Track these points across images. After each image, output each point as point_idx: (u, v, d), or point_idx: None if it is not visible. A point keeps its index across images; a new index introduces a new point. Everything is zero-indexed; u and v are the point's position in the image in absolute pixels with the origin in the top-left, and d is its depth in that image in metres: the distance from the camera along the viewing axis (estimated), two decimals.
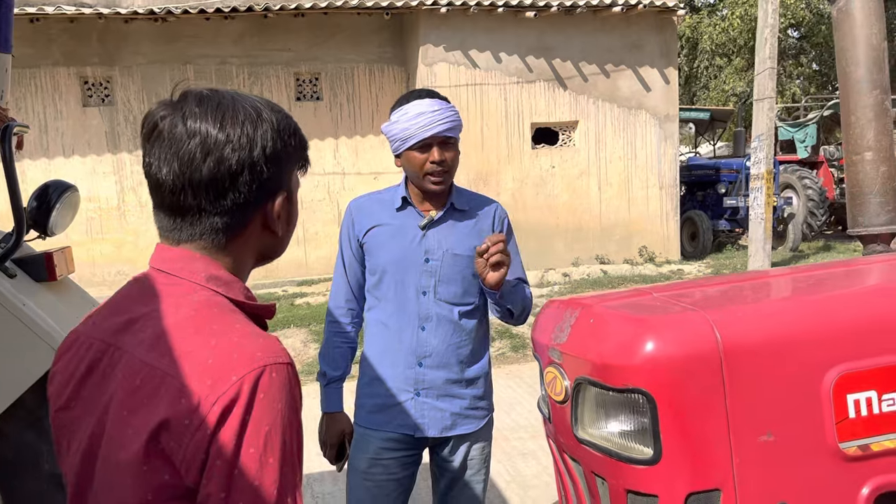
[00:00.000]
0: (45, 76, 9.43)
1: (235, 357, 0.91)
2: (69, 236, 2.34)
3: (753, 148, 8.81)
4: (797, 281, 2.13)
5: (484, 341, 2.26)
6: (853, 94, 2.44)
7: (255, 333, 0.97)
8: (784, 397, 1.64)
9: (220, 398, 0.88)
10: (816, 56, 22.65)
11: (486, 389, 2.26)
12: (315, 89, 10.27)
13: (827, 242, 12.53)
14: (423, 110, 2.03)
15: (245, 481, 0.88)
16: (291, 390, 0.94)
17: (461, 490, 2.24)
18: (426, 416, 2.15)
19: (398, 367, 2.16)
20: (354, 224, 2.21)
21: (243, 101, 1.02)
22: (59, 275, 2.50)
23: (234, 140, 0.98)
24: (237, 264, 1.06)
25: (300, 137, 1.09)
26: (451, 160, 2.09)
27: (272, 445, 0.90)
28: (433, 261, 2.13)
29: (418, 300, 2.13)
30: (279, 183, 1.05)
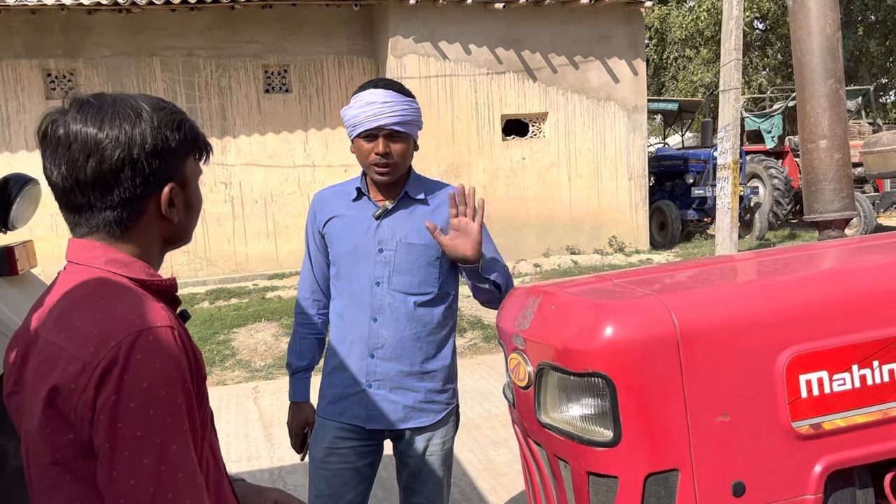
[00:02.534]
0: (6, 69, 9.25)
1: (116, 325, 1.02)
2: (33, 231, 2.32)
3: (720, 138, 8.93)
4: (753, 266, 2.18)
5: (445, 333, 2.21)
6: (808, 84, 2.49)
7: (140, 304, 1.07)
8: (739, 378, 1.68)
9: (100, 362, 0.99)
10: (782, 47, 22.98)
11: (446, 383, 2.22)
12: (284, 81, 10.19)
13: (792, 231, 12.77)
14: (374, 100, 2.04)
15: (127, 433, 0.98)
16: (171, 350, 1.03)
17: (422, 484, 2.23)
18: (378, 408, 2.14)
19: (352, 357, 2.16)
20: (316, 216, 2.23)
21: (125, 102, 1.11)
22: (21, 269, 2.47)
23: (113, 140, 1.07)
24: (141, 250, 1.16)
25: (186, 131, 1.16)
26: (399, 154, 2.07)
27: (152, 400, 0.99)
28: (387, 251, 2.12)
29: (371, 290, 2.12)
30: (166, 175, 1.13)
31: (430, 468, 2.22)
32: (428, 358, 2.17)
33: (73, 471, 1.04)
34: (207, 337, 7.10)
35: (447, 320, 2.22)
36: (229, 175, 9.95)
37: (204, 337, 7.09)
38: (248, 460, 4.39)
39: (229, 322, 7.53)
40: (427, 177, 2.29)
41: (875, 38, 21.68)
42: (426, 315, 2.15)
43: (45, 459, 1.05)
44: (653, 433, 1.64)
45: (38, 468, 1.06)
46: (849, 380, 1.72)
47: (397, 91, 2.08)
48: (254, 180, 10.07)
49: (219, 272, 9.95)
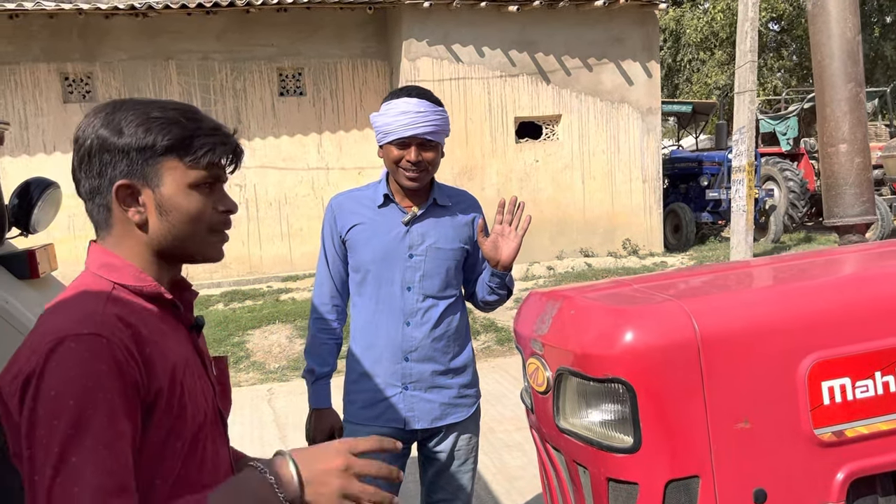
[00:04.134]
0: (25, 73, 9.34)
1: (50, 329, 1.03)
2: (51, 234, 2.34)
3: (735, 141, 8.88)
4: (774, 271, 2.16)
5: (466, 331, 2.30)
6: (828, 88, 2.47)
7: (86, 309, 1.06)
8: (760, 385, 1.67)
9: (23, 369, 1.01)
10: (797, 49, 22.84)
11: (473, 377, 2.31)
12: (298, 84, 10.23)
13: (808, 234, 12.67)
14: (408, 110, 2.06)
15: (36, 439, 0.98)
16: (90, 360, 1.00)
17: (448, 481, 2.27)
18: (415, 408, 2.19)
19: (385, 362, 2.19)
20: (336, 221, 2.24)
21: (127, 102, 1.16)
22: (42, 272, 2.49)
23: (80, 133, 1.14)
24: (129, 254, 1.17)
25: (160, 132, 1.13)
26: (429, 161, 2.12)
27: (57, 409, 0.98)
28: (417, 256, 2.17)
29: (403, 296, 2.17)
30: (120, 171, 1.13)
31: (457, 463, 2.27)
32: (456, 355, 2.25)
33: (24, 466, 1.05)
34: (222, 339, 7.14)
35: (465, 318, 2.31)
36: (244, 177, 10.00)
37: (219, 339, 7.12)
38: None
39: (244, 324, 7.56)
40: (443, 183, 2.33)
41: (891, 39, 21.51)
42: (451, 316, 2.23)
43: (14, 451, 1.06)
44: (673, 439, 1.63)
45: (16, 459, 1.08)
46: (871, 387, 1.70)
47: (429, 100, 2.12)
48: (268, 183, 10.12)
49: (233, 274, 10.00)
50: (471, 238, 2.26)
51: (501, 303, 2.29)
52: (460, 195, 2.30)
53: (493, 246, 2.13)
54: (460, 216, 2.24)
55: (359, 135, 10.34)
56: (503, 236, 2.13)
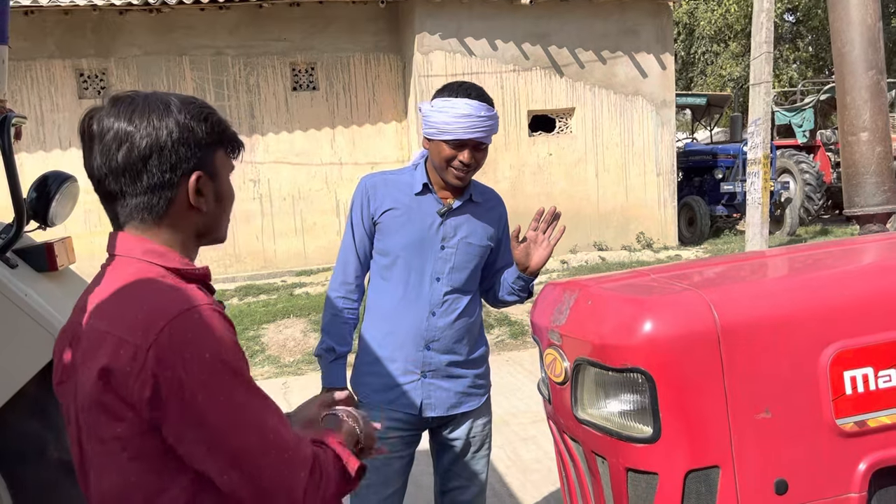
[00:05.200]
0: (40, 69, 9.40)
1: (159, 307, 1.08)
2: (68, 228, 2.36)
3: (750, 133, 8.81)
4: (794, 260, 2.14)
5: (481, 323, 2.35)
6: (849, 75, 2.44)
7: (178, 289, 1.13)
8: (781, 375, 1.65)
9: (152, 344, 1.05)
10: (813, 40, 22.62)
11: (487, 368, 2.35)
12: (311, 79, 10.24)
13: (824, 226, 12.56)
14: (471, 113, 2.05)
15: (212, 403, 1.05)
16: (218, 322, 1.11)
17: (463, 468, 2.29)
18: (432, 396, 2.21)
19: (405, 348, 2.19)
20: (370, 202, 2.20)
21: (155, 97, 1.19)
22: (60, 265, 2.51)
23: (142, 129, 1.14)
24: (174, 240, 1.21)
25: (214, 124, 1.22)
26: (479, 162, 2.14)
27: (219, 365, 1.07)
28: (448, 248, 2.19)
29: (431, 286, 2.18)
30: (193, 163, 1.18)
31: (471, 451, 2.30)
32: (474, 347, 2.28)
33: (129, 449, 1.09)
34: (237, 333, 7.16)
35: (480, 311, 2.35)
36: (258, 172, 10.03)
37: None
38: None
39: (258, 318, 7.59)
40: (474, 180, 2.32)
41: None
42: (471, 309, 2.26)
43: (104, 435, 1.10)
44: (693, 429, 1.62)
45: (97, 444, 1.11)
46: (894, 376, 1.68)
47: (488, 103, 2.10)
48: (282, 178, 10.14)
49: (248, 269, 10.04)
50: (495, 236, 2.28)
51: (517, 304, 2.32)
52: (490, 193, 2.32)
53: (525, 252, 2.14)
54: (490, 214, 2.27)
55: (372, 129, 10.34)
56: (535, 243, 2.15)
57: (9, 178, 2.35)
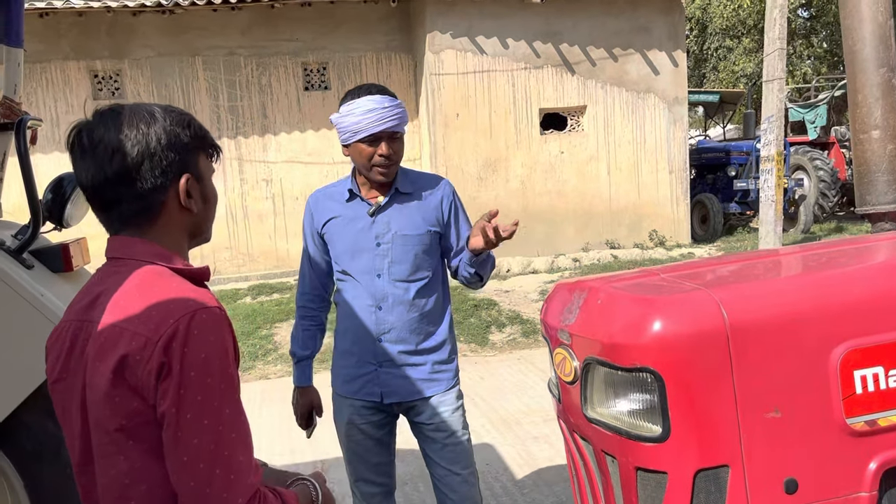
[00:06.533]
0: (55, 70, 9.49)
1: (172, 306, 1.15)
2: (81, 229, 2.39)
3: (763, 130, 8.75)
4: (804, 259, 2.14)
5: (441, 310, 2.40)
6: (860, 73, 2.43)
7: (190, 289, 1.20)
8: (791, 374, 1.66)
9: (162, 336, 1.12)
10: (827, 36, 22.41)
11: (450, 355, 2.41)
12: (323, 79, 10.28)
13: (839, 224, 12.46)
14: (374, 107, 2.17)
15: (189, 398, 1.11)
16: (222, 327, 1.17)
17: (440, 454, 2.37)
18: (390, 384, 2.33)
19: (362, 342, 2.34)
20: (314, 218, 2.40)
21: (139, 107, 1.25)
22: (76, 265, 2.54)
23: (132, 138, 1.20)
24: (170, 241, 1.28)
25: (195, 128, 1.28)
26: (398, 154, 2.25)
27: (209, 369, 1.13)
28: (384, 244, 2.29)
29: (374, 282, 2.30)
30: (181, 167, 1.25)
31: (443, 435, 2.37)
32: (428, 335, 2.36)
33: (136, 436, 1.15)
34: (250, 332, 7.21)
35: (441, 299, 2.41)
36: (270, 172, 10.08)
37: (247, 332, 7.20)
38: (290, 454, 4.45)
39: (271, 317, 7.63)
40: (413, 169, 2.46)
41: None
42: (424, 298, 2.33)
43: (111, 426, 1.15)
44: (702, 429, 1.63)
45: (105, 436, 1.17)
46: None
47: (391, 96, 2.23)
48: (294, 177, 10.18)
49: (260, 268, 10.09)
50: (440, 220, 2.34)
51: (475, 285, 2.36)
52: (426, 179, 2.39)
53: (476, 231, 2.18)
54: (427, 200, 2.33)
55: None
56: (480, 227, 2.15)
57: (25, 180, 2.38)
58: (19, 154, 2.38)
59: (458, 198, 2.41)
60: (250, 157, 9.99)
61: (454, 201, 2.38)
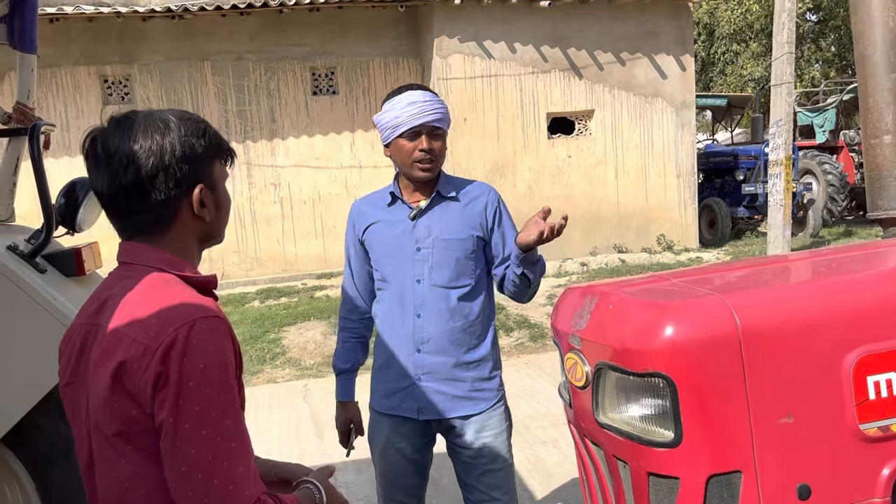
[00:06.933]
0: (65, 75, 9.55)
1: (173, 314, 1.15)
2: (92, 234, 2.41)
3: (772, 134, 8.74)
4: (816, 264, 2.13)
5: (485, 323, 2.29)
6: (871, 78, 2.43)
7: (193, 297, 1.20)
8: (804, 379, 1.65)
9: (161, 345, 1.12)
10: (836, 40, 22.35)
11: (492, 371, 2.29)
12: (331, 83, 10.31)
13: (848, 228, 12.41)
14: (415, 100, 2.14)
15: (187, 408, 1.11)
16: (222, 337, 1.17)
17: (479, 479, 2.24)
18: (428, 399, 2.22)
19: (401, 354, 2.24)
20: (355, 226, 2.33)
21: (154, 116, 1.25)
22: (88, 269, 2.55)
23: (147, 150, 1.20)
24: (181, 248, 1.28)
25: (210, 137, 1.28)
26: (439, 150, 2.19)
27: (207, 379, 1.12)
28: (424, 248, 2.21)
29: (413, 288, 2.21)
30: (195, 177, 1.25)
31: (485, 461, 2.24)
32: (471, 348, 2.24)
33: (134, 442, 1.16)
34: (258, 336, 7.23)
35: (486, 311, 2.30)
36: (278, 176, 10.11)
37: (255, 335, 7.22)
38: (299, 457, 4.45)
39: (279, 321, 7.65)
40: (456, 176, 2.38)
41: None
42: (466, 307, 2.23)
43: (110, 431, 1.16)
44: (715, 434, 1.62)
45: (104, 440, 1.17)
46: None
47: (432, 93, 2.19)
48: (302, 181, 10.21)
49: (268, 272, 10.11)
50: (483, 226, 2.25)
51: (523, 293, 2.23)
52: (471, 185, 2.32)
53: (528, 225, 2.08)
54: (471, 205, 2.26)
55: None
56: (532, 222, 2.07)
57: (38, 185, 2.40)
58: (33, 159, 2.40)
59: (503, 204, 2.32)
60: (259, 161, 10.02)
61: (499, 207, 2.29)
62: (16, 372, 2.29)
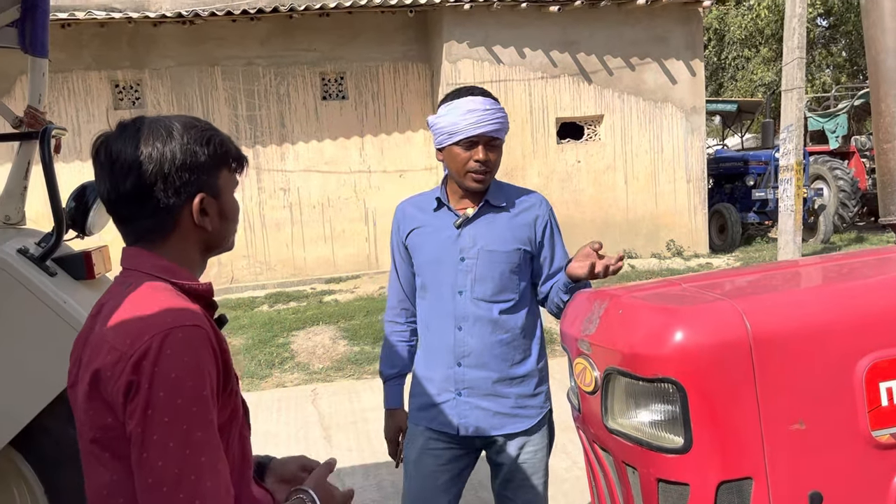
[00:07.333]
0: (77, 80, 9.61)
1: (151, 322, 1.13)
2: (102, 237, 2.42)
3: (782, 139, 8.70)
4: (827, 270, 2.12)
5: (531, 338, 2.20)
6: (883, 83, 2.41)
7: (176, 305, 1.17)
8: (815, 385, 1.63)
9: (134, 353, 1.10)
10: (847, 45, 22.27)
11: (538, 387, 2.20)
12: (340, 88, 10.34)
13: (859, 234, 12.34)
14: (475, 107, 2.01)
15: (156, 418, 1.08)
16: (199, 347, 1.13)
17: (514, 492, 2.20)
18: (468, 415, 2.13)
19: (439, 367, 2.16)
20: (399, 228, 2.24)
21: (159, 123, 1.23)
22: (98, 273, 2.56)
23: (147, 157, 1.19)
24: (181, 256, 1.27)
25: (215, 145, 1.26)
26: (495, 161, 2.09)
27: (179, 390, 1.09)
28: (468, 259, 2.11)
29: (454, 299, 2.11)
30: (196, 186, 1.23)
31: (522, 476, 2.18)
32: (515, 363, 2.15)
33: (111, 449, 1.14)
34: (267, 340, 7.24)
35: (531, 325, 2.21)
36: (288, 181, 10.14)
37: (264, 340, 7.22)
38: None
39: (288, 325, 7.66)
40: (509, 183, 2.26)
41: None
42: (509, 321, 2.13)
43: (88, 437, 1.16)
44: (725, 440, 1.61)
45: (85, 446, 1.17)
46: None
47: (494, 99, 2.07)
48: (311, 186, 10.24)
49: (278, 276, 10.14)
50: (532, 239, 2.16)
51: None
52: (522, 194, 2.22)
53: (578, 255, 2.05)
54: (520, 216, 2.16)
55: (400, 137, 10.40)
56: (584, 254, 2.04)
57: (49, 189, 2.41)
58: (44, 163, 2.41)
59: (554, 218, 2.22)
60: (268, 166, 10.06)
61: (550, 221, 2.19)
62: (25, 375, 2.30)
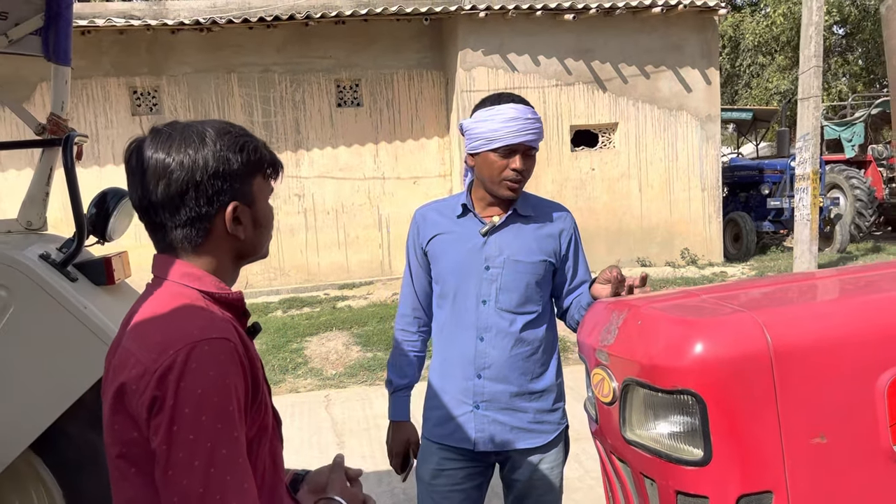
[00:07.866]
0: (96, 86, 9.71)
1: (177, 335, 1.10)
2: (120, 242, 2.45)
3: (798, 148, 8.65)
4: (847, 282, 2.10)
5: (550, 352, 2.17)
6: None
7: (203, 316, 1.14)
8: (837, 399, 1.62)
9: (159, 368, 1.07)
10: (863, 53, 22.13)
11: (556, 402, 2.17)
12: (355, 95, 10.39)
13: (876, 244, 12.23)
14: (517, 115, 1.98)
15: (181, 436, 1.05)
16: (226, 360, 1.10)
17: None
18: (486, 430, 2.09)
19: (457, 378, 2.11)
20: (419, 233, 2.18)
21: (192, 129, 1.20)
22: (118, 279, 2.59)
23: (178, 164, 1.16)
24: (213, 264, 1.24)
25: (250, 152, 1.23)
26: (530, 170, 2.06)
27: (204, 406, 1.06)
28: (494, 268, 2.07)
29: (477, 309, 2.07)
30: (229, 195, 1.21)
31: (538, 493, 2.15)
32: (535, 377, 2.12)
33: (137, 465, 1.12)
34: (280, 345, 7.26)
35: (551, 340, 2.18)
36: (302, 187, 10.19)
37: (277, 345, 7.25)
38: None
39: (302, 331, 7.68)
40: (532, 193, 2.24)
41: None
42: (532, 334, 2.10)
43: (113, 452, 1.14)
44: (745, 453, 1.60)
45: (111, 460, 1.15)
46: None
47: (532, 107, 2.05)
48: (325, 192, 10.28)
49: (292, 282, 10.17)
50: (557, 252, 2.13)
51: None
52: (548, 206, 2.20)
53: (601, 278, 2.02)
54: (546, 228, 2.13)
55: (414, 144, 10.42)
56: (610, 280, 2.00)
57: (71, 195, 2.44)
58: (66, 169, 2.44)
59: (577, 232, 2.19)
60: (283, 172, 10.10)
61: (574, 235, 2.17)
62: (45, 379, 2.32)
